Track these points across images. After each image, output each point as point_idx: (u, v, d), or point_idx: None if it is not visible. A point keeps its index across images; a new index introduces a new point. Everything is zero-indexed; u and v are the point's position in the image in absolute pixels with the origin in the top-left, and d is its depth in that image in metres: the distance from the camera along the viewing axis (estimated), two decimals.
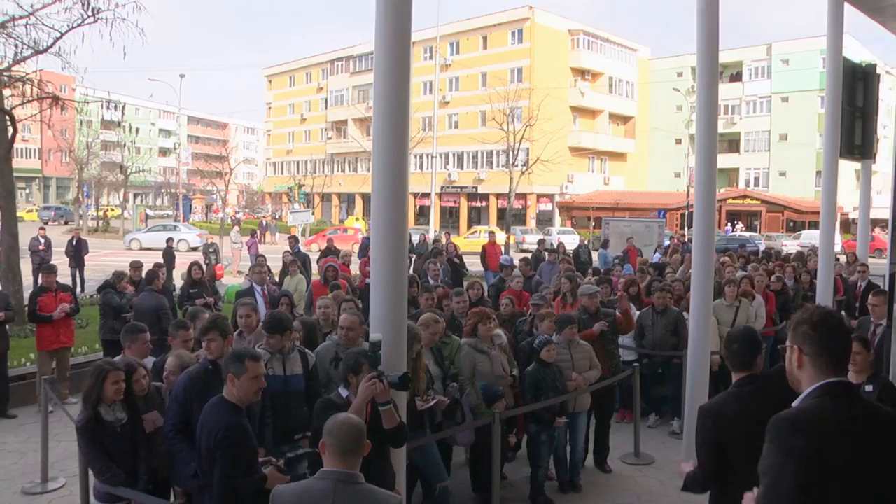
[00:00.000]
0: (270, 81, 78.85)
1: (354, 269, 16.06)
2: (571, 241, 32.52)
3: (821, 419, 2.37)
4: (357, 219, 47.68)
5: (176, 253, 20.32)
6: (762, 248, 28.92)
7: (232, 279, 21.98)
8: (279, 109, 77.26)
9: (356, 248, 33.43)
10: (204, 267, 11.76)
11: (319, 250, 19.99)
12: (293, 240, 18.08)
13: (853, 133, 11.92)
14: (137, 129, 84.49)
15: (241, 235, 28.83)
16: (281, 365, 5.34)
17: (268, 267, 11.42)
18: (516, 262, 14.11)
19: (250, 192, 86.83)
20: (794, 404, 2.49)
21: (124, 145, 56.66)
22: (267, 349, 5.40)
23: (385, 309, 4.62)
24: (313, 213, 48.39)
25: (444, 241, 20.47)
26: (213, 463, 3.86)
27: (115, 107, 75.81)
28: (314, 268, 15.19)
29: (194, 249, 36.29)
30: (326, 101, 69.98)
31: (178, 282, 13.58)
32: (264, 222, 47.39)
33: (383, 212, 4.62)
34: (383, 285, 4.64)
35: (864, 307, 8.78)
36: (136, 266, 11.33)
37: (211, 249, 22.33)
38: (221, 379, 4.69)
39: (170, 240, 21.11)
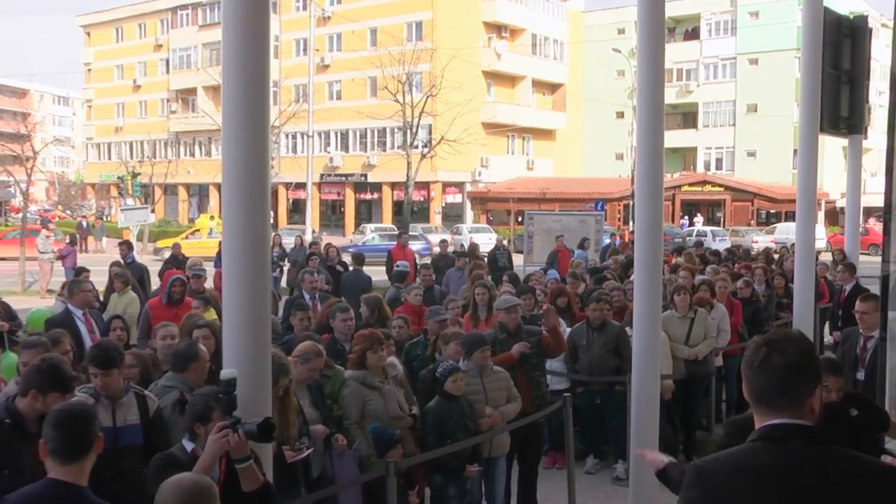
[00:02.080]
0: (89, 35, 76.44)
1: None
2: (487, 241, 32.91)
3: (733, 468, 2.56)
4: (212, 217, 46.75)
5: None
6: (715, 245, 29.98)
7: (39, 301, 21.18)
8: (103, 73, 74.93)
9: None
10: None
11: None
12: (125, 247, 17.57)
13: (838, 102, 12.12)
14: None
15: (53, 242, 27.79)
16: (109, 413, 5.15)
17: (91, 283, 11.03)
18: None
19: (65, 183, 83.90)
20: None
21: None
22: (90, 393, 5.19)
23: (242, 335, 4.55)
24: (153, 211, 47.11)
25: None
26: None
27: None
28: (155, 281, 14.84)
29: None
30: (168, 62, 68.39)
31: None
32: (85, 224, 45.90)
33: (238, 209, 4.56)
34: (239, 304, 4.57)
35: (850, 315, 9.13)
36: None
37: None
38: (25, 438, 4.48)
39: None
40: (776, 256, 19.36)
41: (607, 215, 42.28)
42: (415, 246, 25.28)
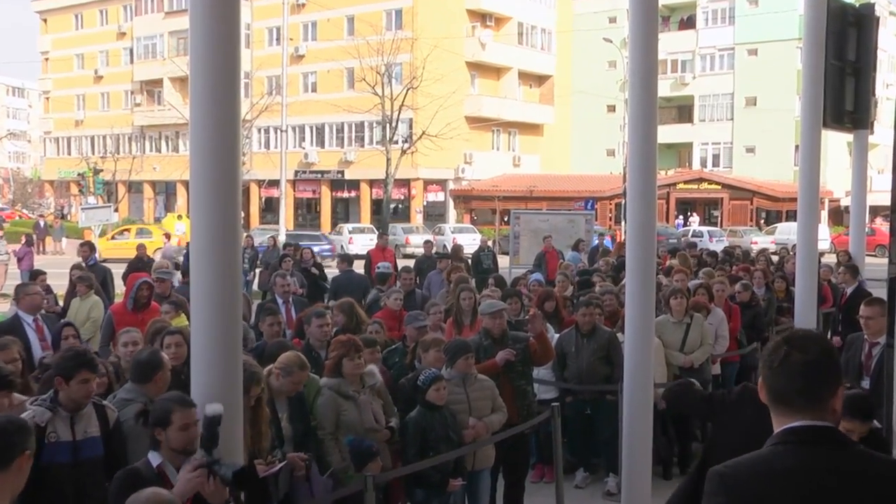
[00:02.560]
0: (46, 21, 75.97)
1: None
2: (471, 242, 32.93)
3: (756, 473, 2.60)
4: (179, 216, 46.53)
5: None
6: (712, 246, 30.09)
7: None
8: (62, 62, 74.43)
9: None
10: None
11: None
12: (87, 248, 17.49)
13: (842, 95, 12.10)
14: None
15: (7, 242, 27.63)
16: (68, 426, 5.09)
17: (48, 287, 10.98)
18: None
19: (21, 180, 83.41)
20: None
21: None
22: (46, 405, 5.12)
23: (211, 341, 4.54)
24: (116, 210, 46.89)
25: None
26: None
27: None
28: (119, 285, 14.78)
29: None
30: (132, 51, 68.03)
31: None
32: (43, 223, 45.68)
33: (207, 208, 4.55)
34: (209, 309, 4.56)
35: (851, 320, 9.15)
36: None
37: None
38: None
39: None
40: (775, 258, 19.45)
41: (598, 215, 42.30)
42: (316, 248, 25.03)
